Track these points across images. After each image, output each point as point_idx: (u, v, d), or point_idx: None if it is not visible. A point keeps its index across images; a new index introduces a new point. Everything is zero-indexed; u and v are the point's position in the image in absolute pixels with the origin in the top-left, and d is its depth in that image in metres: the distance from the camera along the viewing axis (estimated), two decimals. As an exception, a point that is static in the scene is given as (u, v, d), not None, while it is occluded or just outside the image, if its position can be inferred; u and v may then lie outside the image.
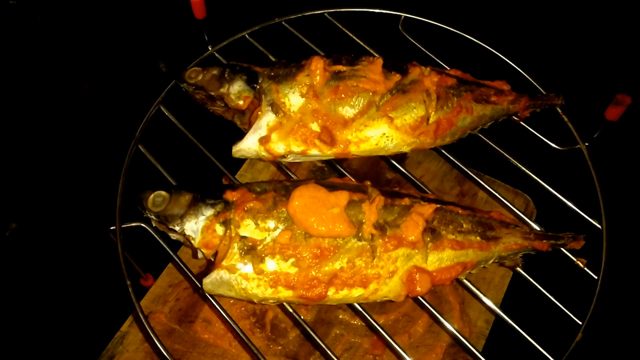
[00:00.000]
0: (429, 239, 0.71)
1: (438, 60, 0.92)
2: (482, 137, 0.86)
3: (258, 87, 0.77)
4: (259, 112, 0.76)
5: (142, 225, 0.75)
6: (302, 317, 0.70)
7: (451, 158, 0.84)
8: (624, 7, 1.44)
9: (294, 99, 0.76)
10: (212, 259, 0.69)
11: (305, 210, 0.67)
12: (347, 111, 0.76)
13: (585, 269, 0.75)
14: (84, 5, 1.44)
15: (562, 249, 0.75)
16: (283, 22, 0.94)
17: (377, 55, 0.89)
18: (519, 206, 0.88)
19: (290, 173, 0.82)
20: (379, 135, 0.78)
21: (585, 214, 0.78)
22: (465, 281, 0.74)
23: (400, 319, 0.93)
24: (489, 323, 0.93)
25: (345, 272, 0.67)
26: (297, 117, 0.76)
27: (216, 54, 0.92)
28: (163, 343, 0.68)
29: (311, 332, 0.69)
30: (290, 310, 0.70)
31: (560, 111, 0.87)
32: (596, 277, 0.74)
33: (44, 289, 1.04)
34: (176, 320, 0.92)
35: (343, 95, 0.76)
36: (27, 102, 1.28)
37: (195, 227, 0.68)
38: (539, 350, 0.68)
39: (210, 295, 0.70)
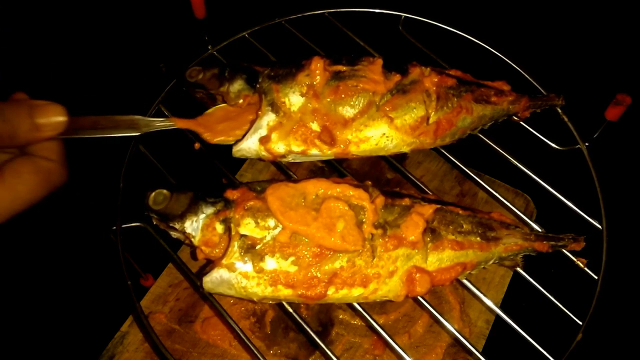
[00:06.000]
0: (429, 239, 0.71)
1: (438, 60, 0.92)
2: (482, 137, 0.86)
3: (258, 86, 0.77)
4: (259, 112, 0.76)
5: (142, 225, 0.75)
6: (302, 317, 0.70)
7: (451, 158, 0.84)
8: (624, 7, 1.44)
9: (294, 98, 0.76)
10: (212, 258, 0.69)
11: (297, 218, 0.67)
12: (348, 111, 0.76)
13: (586, 269, 0.75)
14: (84, 5, 1.44)
15: (562, 249, 0.75)
16: (283, 22, 0.94)
17: (377, 55, 0.89)
18: (519, 206, 0.88)
19: (290, 173, 0.82)
20: (379, 136, 0.78)
21: (586, 214, 0.78)
22: (465, 281, 0.74)
23: (400, 319, 0.93)
24: (489, 323, 0.93)
25: (345, 271, 0.67)
26: (297, 116, 0.76)
27: (216, 54, 0.92)
28: (163, 343, 0.68)
29: (311, 332, 0.69)
30: (290, 311, 0.70)
31: (560, 111, 0.87)
32: (596, 277, 0.74)
33: (44, 289, 1.04)
34: (176, 320, 0.92)
35: (343, 95, 0.76)
36: (27, 102, 1.28)
37: (195, 225, 0.68)
38: (539, 350, 0.68)
39: (211, 295, 0.70)
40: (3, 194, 0.51)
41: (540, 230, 0.77)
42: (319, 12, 0.96)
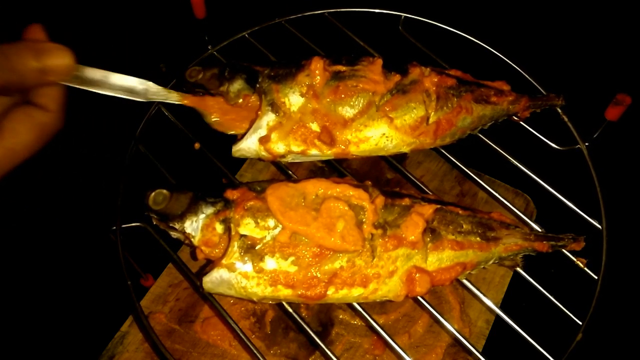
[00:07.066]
0: (429, 239, 0.71)
1: (438, 60, 0.92)
2: (482, 137, 0.86)
3: (258, 86, 0.77)
4: (259, 112, 0.76)
5: (142, 225, 0.75)
6: (302, 317, 0.70)
7: (451, 158, 0.84)
8: (624, 7, 1.44)
9: (294, 98, 0.76)
10: (212, 258, 0.69)
11: (297, 219, 0.67)
12: (347, 111, 0.76)
13: (586, 269, 0.75)
14: (84, 5, 1.44)
15: (562, 249, 0.75)
16: (283, 22, 0.94)
17: (377, 55, 0.89)
18: (519, 206, 0.88)
19: (290, 173, 0.82)
20: (378, 136, 0.78)
21: (586, 214, 0.78)
22: (465, 281, 0.74)
23: (400, 319, 0.93)
24: (489, 323, 0.93)
25: (345, 272, 0.67)
26: (297, 116, 0.76)
27: (216, 54, 0.92)
28: (163, 343, 0.68)
29: (311, 333, 0.69)
30: (290, 311, 0.70)
31: (560, 111, 0.87)
32: (596, 277, 0.74)
33: (45, 289, 1.04)
34: (176, 320, 0.92)
35: (343, 95, 0.76)
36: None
37: (195, 225, 0.68)
38: (539, 350, 0.68)
39: (211, 295, 0.70)
40: (3, 153, 0.52)
41: (540, 230, 0.77)
42: (319, 12, 0.96)
